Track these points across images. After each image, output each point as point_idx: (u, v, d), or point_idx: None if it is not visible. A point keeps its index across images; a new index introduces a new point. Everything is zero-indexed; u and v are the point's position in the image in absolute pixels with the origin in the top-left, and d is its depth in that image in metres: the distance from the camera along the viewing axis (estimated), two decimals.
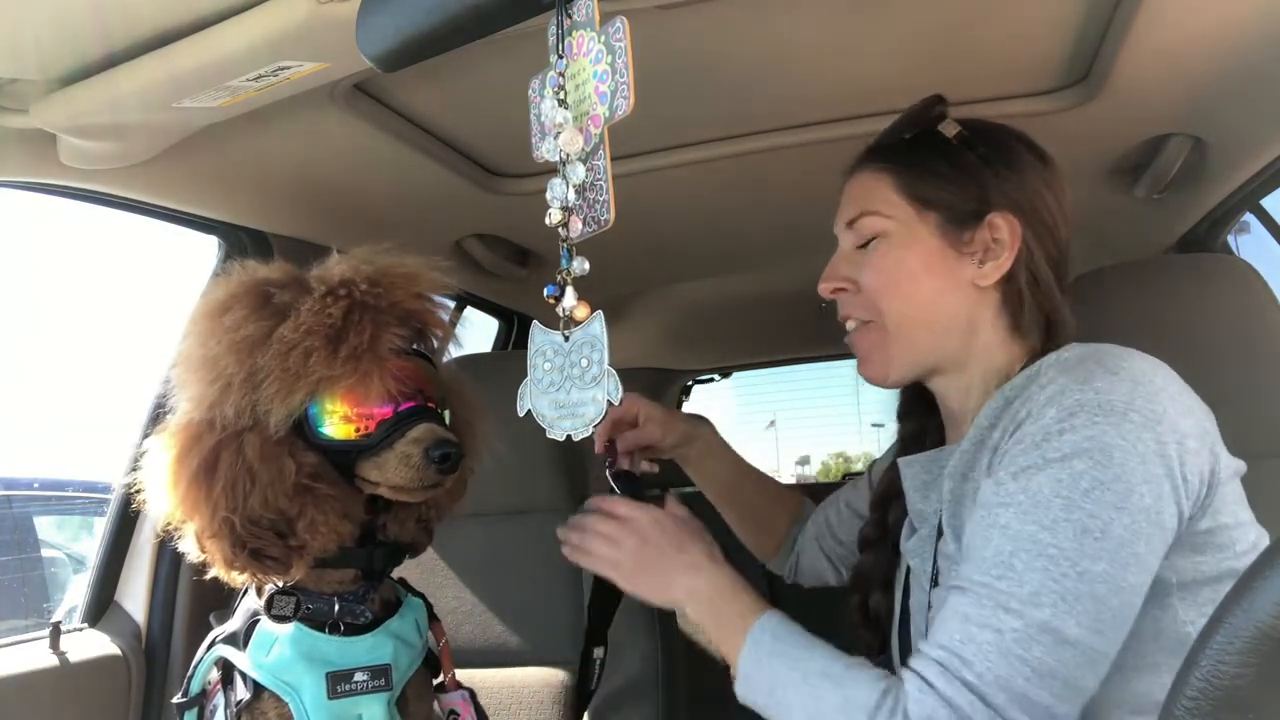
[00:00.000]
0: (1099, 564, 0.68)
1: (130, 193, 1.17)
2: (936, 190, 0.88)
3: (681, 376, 3.26)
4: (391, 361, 0.85)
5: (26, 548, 2.74)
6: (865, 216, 0.90)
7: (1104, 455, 0.70)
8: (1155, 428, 0.70)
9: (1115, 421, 0.70)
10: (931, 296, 0.88)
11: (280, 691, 0.86)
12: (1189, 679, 0.37)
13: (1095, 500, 0.69)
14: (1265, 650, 0.35)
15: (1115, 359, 0.76)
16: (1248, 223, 1.66)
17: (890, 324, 0.88)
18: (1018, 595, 0.69)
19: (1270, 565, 0.36)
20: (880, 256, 0.89)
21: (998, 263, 0.86)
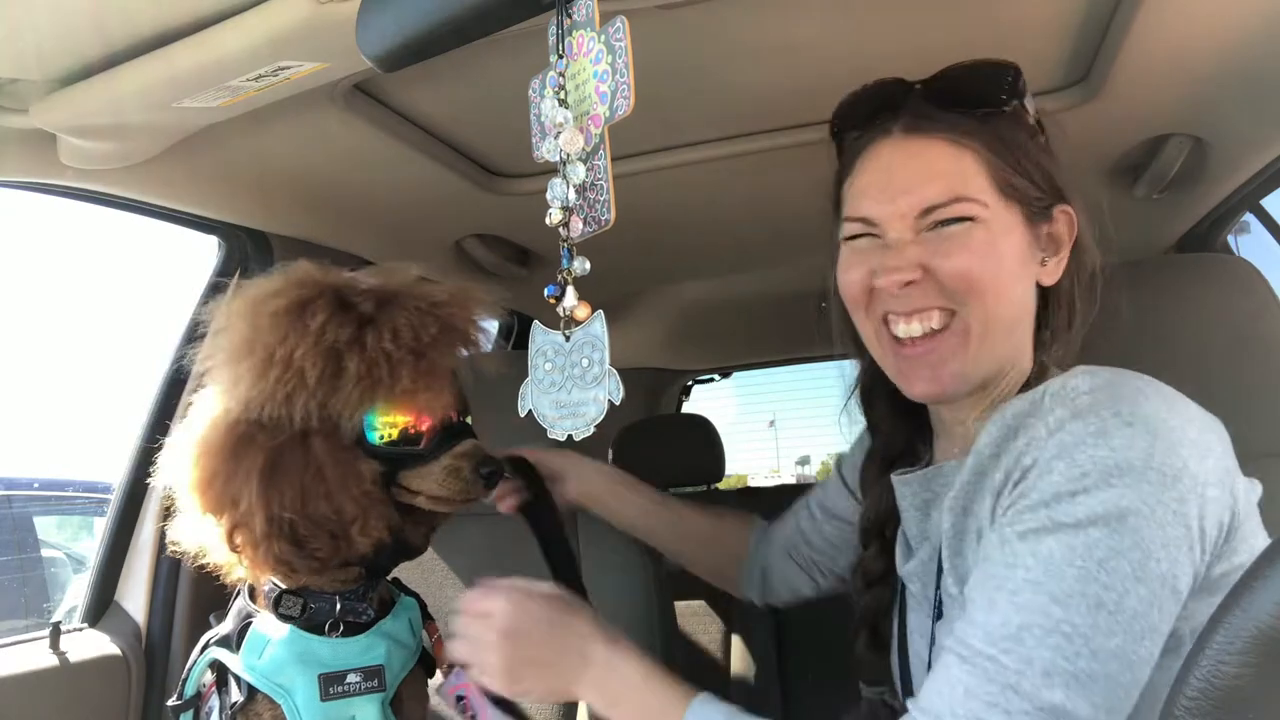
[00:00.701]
0: (1113, 639, 0.63)
1: (130, 193, 1.17)
2: (1022, 178, 0.78)
3: (681, 376, 3.26)
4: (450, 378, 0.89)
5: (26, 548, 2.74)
6: (957, 203, 0.76)
7: (1120, 522, 0.64)
8: (1176, 486, 0.65)
9: (1132, 483, 0.64)
10: (1018, 297, 0.78)
11: (273, 693, 0.86)
12: (1189, 679, 0.37)
13: (1111, 571, 0.63)
14: (1265, 650, 0.35)
15: (1130, 404, 0.68)
16: (1248, 223, 1.66)
17: (975, 323, 0.76)
18: (1028, 675, 0.63)
19: (1270, 565, 0.36)
20: (973, 241, 0.75)
21: (1059, 259, 0.79)
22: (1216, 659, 0.36)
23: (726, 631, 2.23)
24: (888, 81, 0.82)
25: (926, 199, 0.76)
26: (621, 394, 0.68)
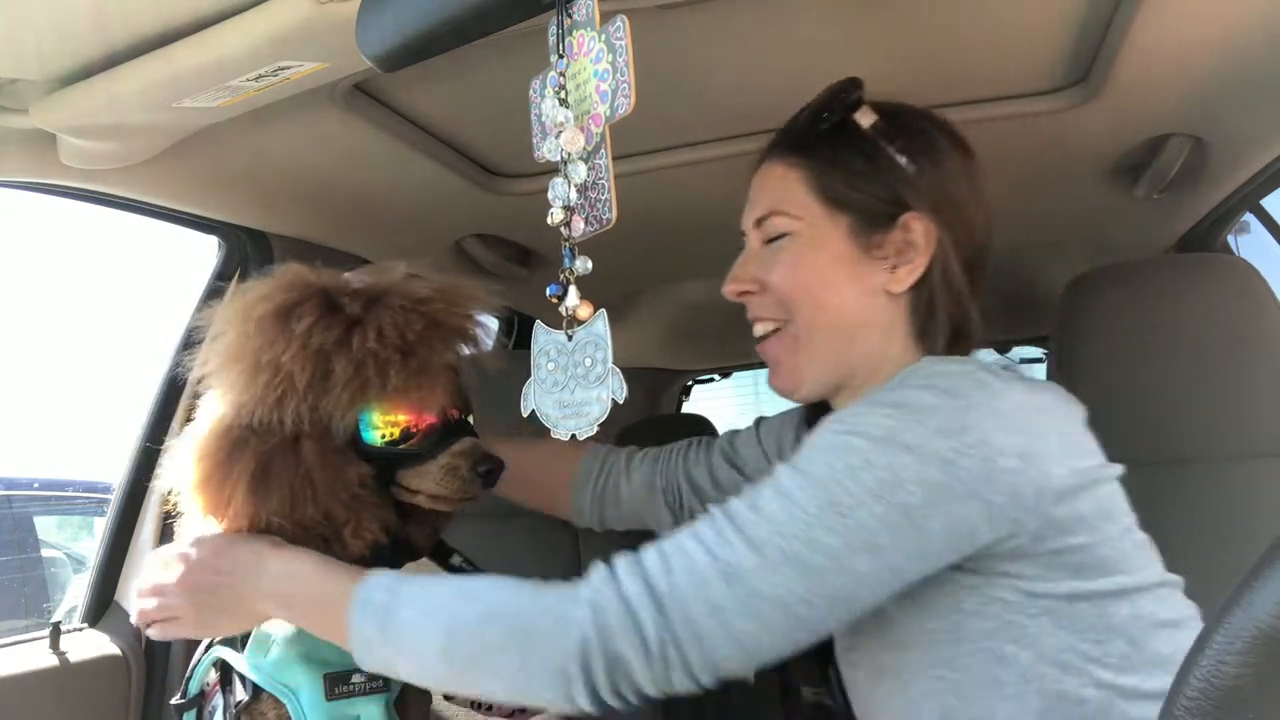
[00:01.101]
0: (832, 538, 0.67)
1: (130, 193, 1.17)
2: (850, 190, 0.84)
3: (681, 376, 3.25)
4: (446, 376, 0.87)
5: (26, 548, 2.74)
6: (774, 218, 0.86)
7: (883, 442, 0.68)
8: (952, 439, 0.68)
9: (906, 419, 0.69)
10: (843, 302, 0.84)
11: (277, 693, 0.86)
12: (1189, 679, 0.37)
13: (856, 479, 0.68)
14: (1265, 650, 0.35)
15: (942, 378, 0.73)
16: (1248, 223, 1.66)
17: (801, 328, 0.85)
18: (745, 534, 0.68)
19: (1270, 565, 0.36)
20: (789, 256, 0.85)
21: (911, 267, 0.83)
22: (1216, 659, 0.36)
23: None
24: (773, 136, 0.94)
25: (757, 213, 0.89)
26: (625, 393, 0.68)
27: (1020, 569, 0.71)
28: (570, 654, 0.68)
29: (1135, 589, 0.73)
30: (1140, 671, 0.71)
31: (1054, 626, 0.71)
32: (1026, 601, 0.71)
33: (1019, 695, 0.71)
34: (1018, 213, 1.68)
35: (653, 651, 0.66)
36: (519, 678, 0.70)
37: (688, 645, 0.66)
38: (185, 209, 1.27)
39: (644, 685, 0.68)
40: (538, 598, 0.73)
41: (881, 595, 0.70)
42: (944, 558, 0.70)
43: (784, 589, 0.66)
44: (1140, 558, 0.76)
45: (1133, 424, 1.19)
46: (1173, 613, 0.76)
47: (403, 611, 0.73)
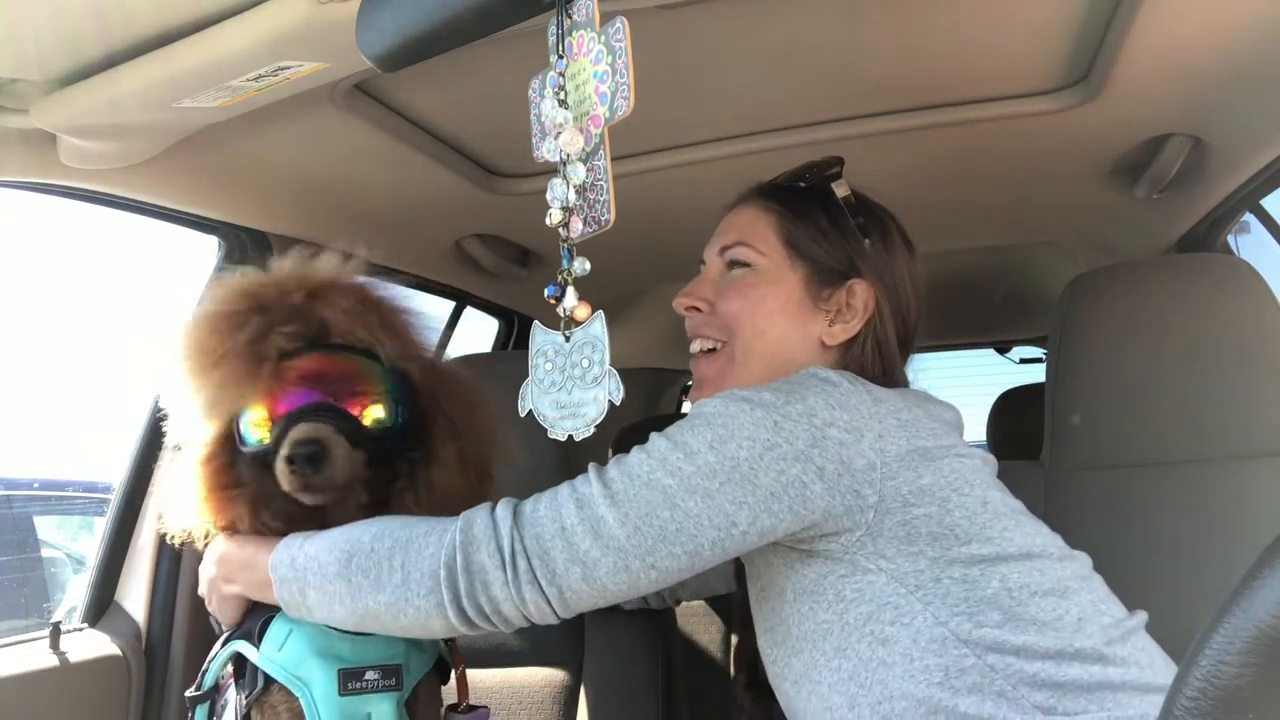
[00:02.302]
0: (669, 479, 0.76)
1: (130, 193, 1.17)
2: (812, 243, 0.94)
3: (681, 376, 3.25)
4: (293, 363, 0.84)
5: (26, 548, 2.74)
6: (740, 247, 0.95)
7: (717, 415, 0.79)
8: (781, 409, 0.78)
9: (748, 394, 0.79)
10: (780, 336, 0.93)
11: (291, 685, 0.87)
12: (1189, 679, 0.37)
13: (693, 433, 0.78)
14: (1265, 650, 0.35)
15: (791, 379, 0.82)
16: (1248, 223, 1.66)
17: (737, 352, 0.93)
18: (603, 476, 0.79)
19: (1270, 565, 0.36)
20: (744, 285, 0.94)
21: (846, 326, 0.92)
22: (1216, 659, 0.36)
23: (726, 631, 2.23)
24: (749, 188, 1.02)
25: (723, 241, 0.97)
26: (622, 394, 0.68)
27: (882, 548, 0.78)
28: (440, 559, 0.79)
29: (997, 557, 0.78)
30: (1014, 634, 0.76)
31: (924, 604, 0.77)
32: (895, 582, 0.78)
33: (909, 673, 0.76)
34: (1018, 213, 1.68)
35: (505, 560, 0.77)
36: (401, 590, 0.79)
37: (535, 557, 0.77)
38: (185, 209, 1.27)
39: (500, 599, 0.78)
40: (424, 520, 0.83)
41: (719, 543, 0.77)
42: (781, 517, 0.77)
43: (624, 517, 0.76)
44: (998, 526, 0.80)
45: (1132, 424, 1.19)
46: (1054, 582, 0.78)
47: (309, 547, 0.84)
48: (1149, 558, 1.12)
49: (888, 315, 0.93)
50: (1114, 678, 0.74)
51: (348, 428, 0.85)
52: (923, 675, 0.75)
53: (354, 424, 0.85)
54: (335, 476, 0.83)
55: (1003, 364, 2.89)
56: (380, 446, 0.89)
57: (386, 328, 0.89)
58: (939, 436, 0.82)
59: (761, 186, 1.00)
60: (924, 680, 0.75)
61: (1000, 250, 1.97)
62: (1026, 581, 0.78)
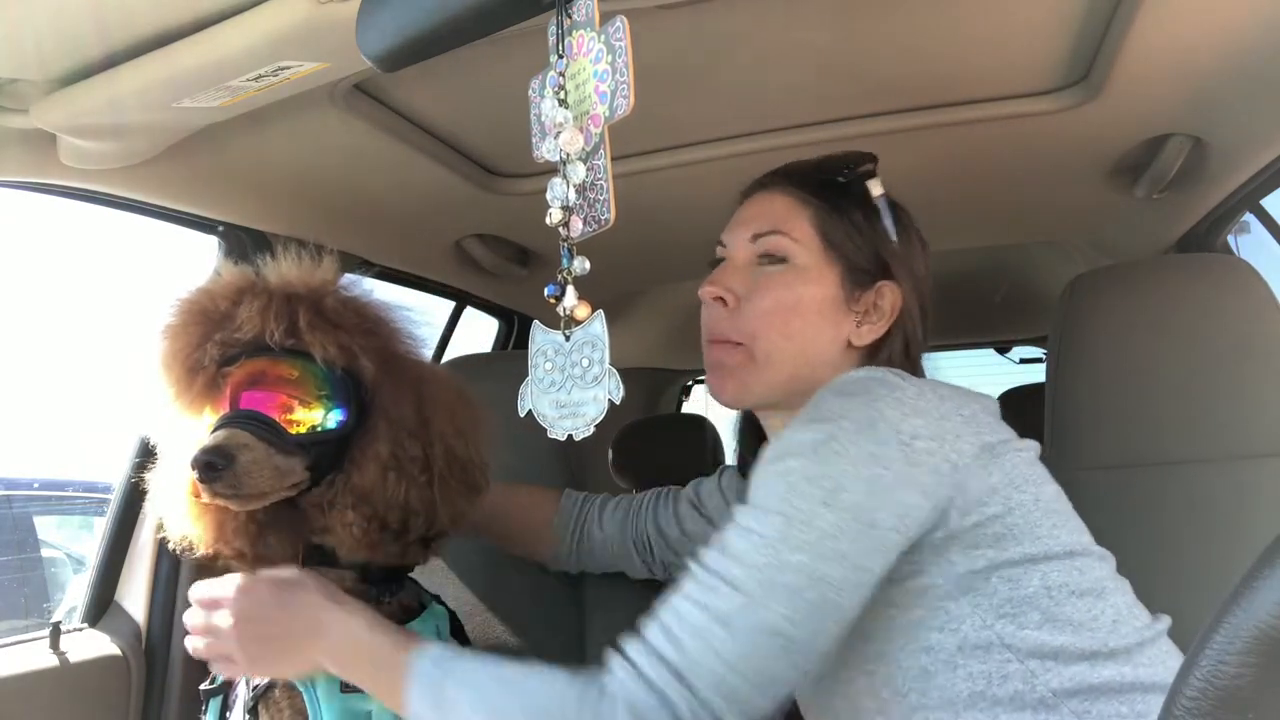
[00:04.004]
0: (799, 555, 0.69)
1: (130, 193, 1.17)
2: (847, 241, 0.89)
3: (681, 376, 3.26)
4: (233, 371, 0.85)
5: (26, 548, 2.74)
6: (778, 236, 0.90)
7: (813, 453, 0.72)
8: (871, 431, 0.73)
9: (830, 429, 0.73)
10: (810, 339, 0.88)
11: (295, 681, 0.88)
12: (1189, 679, 0.37)
13: (801, 495, 0.71)
14: (1265, 650, 0.35)
15: (845, 382, 0.79)
16: (1248, 223, 1.66)
17: (760, 352, 0.88)
18: (724, 577, 0.71)
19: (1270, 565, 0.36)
20: (780, 283, 0.89)
21: (874, 327, 0.89)
22: (1216, 659, 0.36)
23: None
24: (772, 170, 0.97)
25: (755, 229, 0.91)
26: (622, 393, 0.68)
27: (949, 554, 0.75)
28: None
29: (1043, 556, 0.76)
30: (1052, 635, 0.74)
31: (973, 607, 0.74)
32: (951, 585, 0.75)
33: (950, 681, 0.73)
34: (1018, 213, 1.68)
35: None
36: None
37: (716, 704, 0.68)
38: (185, 209, 1.27)
39: None
40: (571, 692, 0.72)
41: (860, 597, 0.72)
42: (898, 547, 0.73)
43: (773, 616, 0.69)
44: (1047, 524, 0.78)
45: (1132, 424, 1.19)
46: (1092, 582, 0.77)
47: (450, 692, 0.75)
48: (1148, 558, 1.12)
49: (915, 313, 0.91)
50: (1144, 678, 0.73)
51: (270, 434, 0.82)
52: (965, 684, 0.73)
53: (276, 429, 0.83)
54: (244, 485, 0.80)
55: (1003, 364, 2.89)
56: (321, 451, 0.86)
57: (321, 327, 0.85)
58: (997, 430, 0.80)
59: (793, 173, 0.94)
60: (966, 689, 0.73)
61: (1000, 250, 1.97)
62: (1066, 580, 0.76)
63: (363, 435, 0.89)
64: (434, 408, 0.93)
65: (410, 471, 0.89)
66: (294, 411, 0.85)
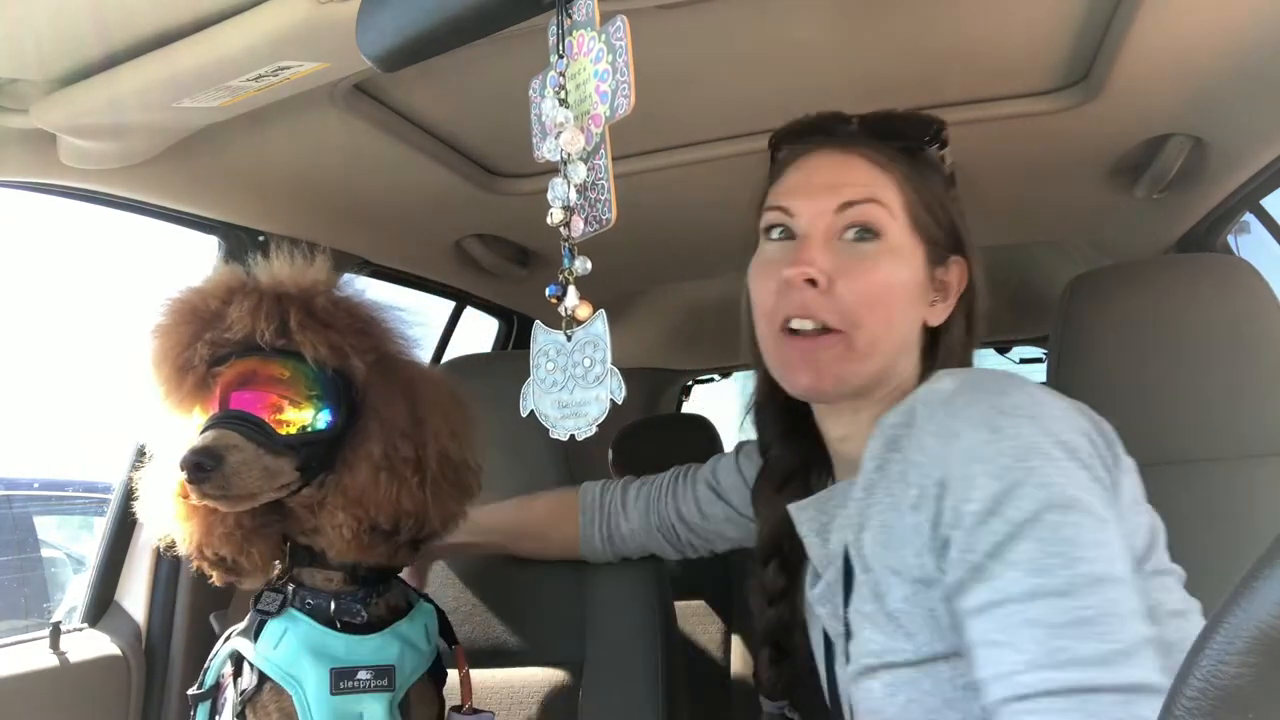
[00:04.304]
0: (1123, 602, 0.63)
1: (130, 193, 1.17)
2: (928, 215, 0.82)
3: (681, 376, 3.26)
4: (224, 371, 0.85)
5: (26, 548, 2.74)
6: (873, 205, 0.79)
7: (1061, 497, 0.66)
8: (1075, 455, 0.68)
9: (1044, 461, 0.67)
10: (907, 327, 0.82)
11: (284, 682, 0.87)
12: (1189, 679, 0.37)
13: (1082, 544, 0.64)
14: (1265, 650, 0.35)
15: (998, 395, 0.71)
16: (1248, 223, 1.66)
17: (861, 343, 0.79)
18: (1090, 674, 0.61)
19: (1270, 565, 0.36)
20: (880, 264, 0.79)
21: (945, 306, 0.83)
22: (1216, 659, 0.36)
23: (726, 631, 2.23)
24: (827, 113, 0.87)
25: (843, 196, 0.79)
26: (624, 393, 0.68)
27: None
28: None
29: (1152, 573, 0.73)
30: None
31: None
32: None
33: None
34: (1018, 213, 1.68)
35: None
36: None
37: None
38: (185, 209, 1.27)
39: None
40: None
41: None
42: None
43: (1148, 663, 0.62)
44: (1145, 540, 0.75)
45: (1132, 424, 1.18)
46: (1179, 603, 0.75)
47: None
48: None
49: (979, 286, 0.84)
50: None
51: (259, 435, 0.82)
52: None
53: (265, 430, 0.83)
54: (232, 485, 0.80)
55: (1003, 364, 2.89)
56: (311, 452, 0.86)
57: (311, 327, 0.85)
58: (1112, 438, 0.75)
59: (873, 129, 0.83)
60: None
61: (1000, 250, 1.97)
62: (1162, 599, 0.72)
63: (354, 436, 0.88)
64: (428, 409, 0.92)
65: (402, 473, 0.88)
66: (284, 412, 0.84)
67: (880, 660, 0.75)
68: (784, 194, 0.84)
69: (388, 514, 0.88)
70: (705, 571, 2.29)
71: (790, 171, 0.85)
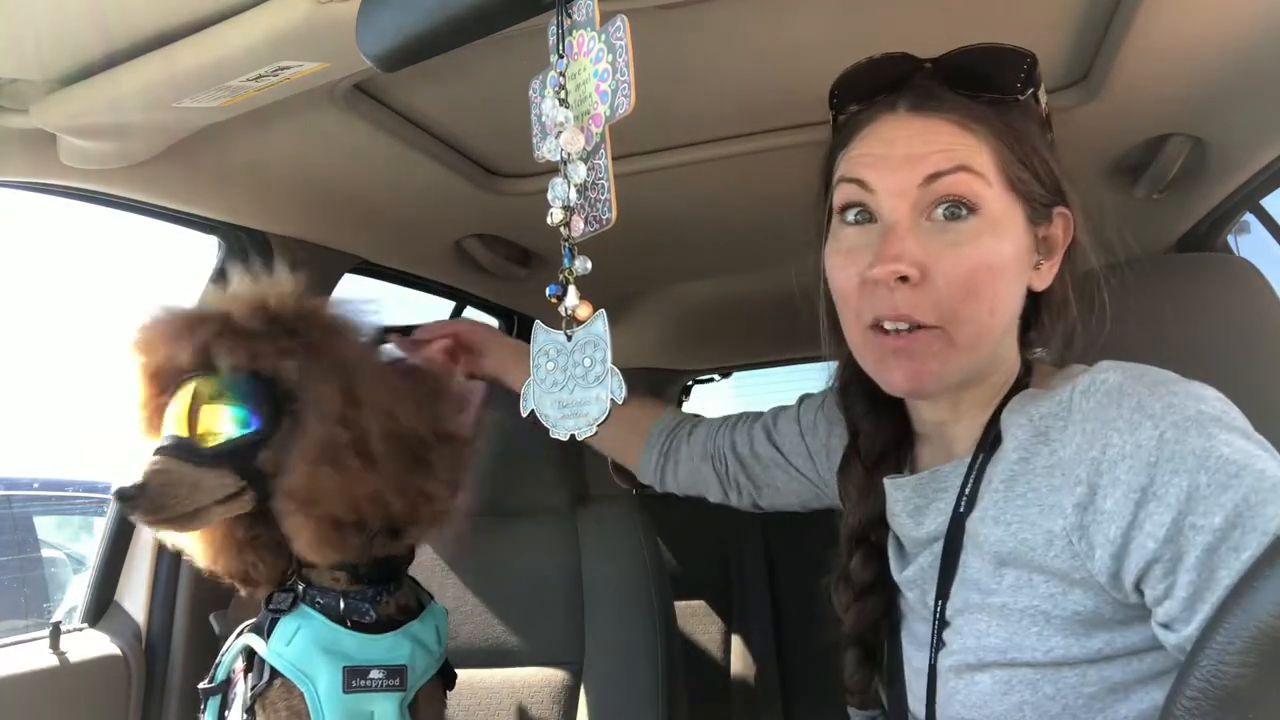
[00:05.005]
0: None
1: (130, 193, 1.17)
2: (1025, 170, 0.72)
3: (681, 376, 3.25)
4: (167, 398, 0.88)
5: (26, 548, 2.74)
6: (965, 174, 0.70)
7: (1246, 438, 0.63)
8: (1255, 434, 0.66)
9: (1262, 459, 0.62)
10: (1010, 303, 0.73)
11: (296, 679, 0.88)
12: (1189, 679, 0.37)
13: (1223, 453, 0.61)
14: (1265, 650, 0.35)
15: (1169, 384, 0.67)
16: (1248, 223, 1.66)
17: (963, 337, 0.71)
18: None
19: (1270, 565, 0.36)
20: (982, 246, 0.70)
21: (1051, 264, 0.75)
22: (1216, 659, 0.36)
23: (726, 631, 2.24)
24: (896, 56, 0.77)
25: (929, 167, 0.70)
26: (624, 393, 0.68)
27: None
28: None
29: None
30: None
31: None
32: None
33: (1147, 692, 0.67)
34: None
35: None
36: None
37: None
38: (185, 209, 1.27)
39: None
40: None
41: None
42: None
43: None
44: None
45: None
46: None
47: None
48: None
49: (1083, 232, 0.75)
50: None
51: (185, 451, 0.84)
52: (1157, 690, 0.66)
53: (189, 446, 0.85)
54: (164, 507, 0.83)
55: None
56: (245, 458, 0.87)
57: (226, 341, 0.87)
58: None
59: (954, 76, 0.74)
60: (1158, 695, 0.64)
61: None
62: None
63: (294, 435, 0.88)
64: (367, 389, 0.90)
65: (345, 461, 0.87)
66: (210, 425, 0.86)
67: (999, 656, 0.71)
68: (860, 165, 0.74)
69: (342, 506, 0.86)
70: (705, 571, 2.30)
71: (861, 139, 0.76)
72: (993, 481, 0.73)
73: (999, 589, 0.72)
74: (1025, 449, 0.71)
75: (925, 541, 0.80)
